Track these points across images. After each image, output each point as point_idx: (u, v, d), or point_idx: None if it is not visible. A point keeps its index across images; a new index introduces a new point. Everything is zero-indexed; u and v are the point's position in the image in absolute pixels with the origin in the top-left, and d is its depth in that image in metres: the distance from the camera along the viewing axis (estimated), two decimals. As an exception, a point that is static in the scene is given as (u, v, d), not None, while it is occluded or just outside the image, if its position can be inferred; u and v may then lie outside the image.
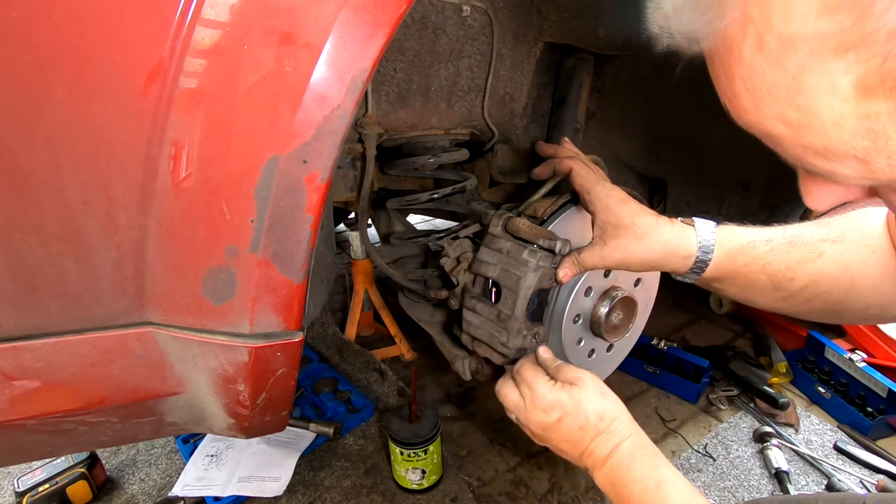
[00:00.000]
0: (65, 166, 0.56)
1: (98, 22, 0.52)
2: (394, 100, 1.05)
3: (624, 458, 0.69)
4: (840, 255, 0.71)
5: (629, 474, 0.67)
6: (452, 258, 1.03)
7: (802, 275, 0.73)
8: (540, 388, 0.76)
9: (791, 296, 0.75)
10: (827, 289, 0.73)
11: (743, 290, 0.79)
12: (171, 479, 1.42)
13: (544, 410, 0.75)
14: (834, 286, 0.72)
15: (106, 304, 0.64)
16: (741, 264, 0.76)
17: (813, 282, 0.73)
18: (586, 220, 1.03)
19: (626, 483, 0.67)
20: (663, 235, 0.78)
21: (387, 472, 1.39)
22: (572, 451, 0.74)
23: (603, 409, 0.73)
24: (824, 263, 0.72)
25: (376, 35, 0.57)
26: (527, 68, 1.18)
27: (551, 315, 0.95)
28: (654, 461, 0.68)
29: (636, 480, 0.66)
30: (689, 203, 1.56)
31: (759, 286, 0.76)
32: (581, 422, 0.72)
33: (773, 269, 0.74)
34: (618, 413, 0.73)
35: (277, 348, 0.69)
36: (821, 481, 1.34)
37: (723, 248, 0.77)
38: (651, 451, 0.70)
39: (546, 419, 0.75)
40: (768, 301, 0.78)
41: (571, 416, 0.73)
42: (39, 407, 0.67)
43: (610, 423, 0.72)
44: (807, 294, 0.74)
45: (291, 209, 0.60)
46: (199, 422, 0.82)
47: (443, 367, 1.82)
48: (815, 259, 0.72)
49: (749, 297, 0.80)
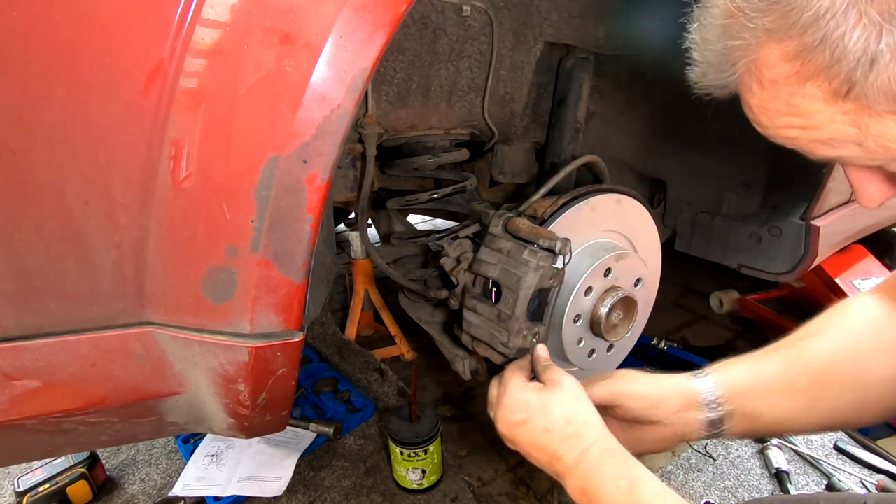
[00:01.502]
0: (65, 166, 0.56)
1: (98, 22, 0.52)
2: (394, 100, 1.05)
3: (593, 462, 0.66)
4: (824, 346, 0.75)
5: (599, 476, 0.64)
6: (452, 258, 1.03)
7: (804, 372, 0.74)
8: (511, 387, 0.75)
9: (813, 399, 0.73)
10: (836, 377, 0.73)
11: (770, 411, 0.76)
12: (172, 479, 1.41)
13: (510, 410, 0.74)
14: (840, 371, 0.73)
15: (106, 304, 0.64)
16: (750, 397, 0.76)
17: (820, 374, 0.73)
18: (586, 220, 1.03)
19: (596, 485, 0.64)
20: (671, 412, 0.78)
21: (387, 472, 1.39)
22: (540, 456, 0.71)
23: (572, 412, 0.70)
24: (814, 353, 0.74)
25: (376, 35, 0.57)
26: (527, 68, 1.18)
27: (551, 315, 0.95)
28: (625, 462, 0.65)
29: (607, 482, 0.64)
30: (689, 203, 1.56)
31: (774, 398, 0.75)
32: (546, 423, 0.70)
33: (774, 371, 0.75)
34: (588, 417, 0.70)
35: (277, 348, 0.69)
36: (821, 481, 1.34)
37: (726, 392, 0.76)
38: (621, 454, 0.67)
39: (511, 418, 0.73)
40: (795, 413, 0.75)
41: (537, 417, 0.71)
42: (39, 407, 0.67)
43: (578, 427, 0.69)
44: (829, 389, 0.73)
45: (291, 209, 0.60)
46: (199, 422, 0.82)
47: (443, 367, 1.82)
48: (804, 353, 0.75)
49: (780, 415, 0.76)
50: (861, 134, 0.43)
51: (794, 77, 0.43)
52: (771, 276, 1.41)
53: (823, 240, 1.31)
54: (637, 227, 1.13)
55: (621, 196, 1.09)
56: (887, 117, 0.41)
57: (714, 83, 0.50)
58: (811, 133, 0.46)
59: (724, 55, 0.47)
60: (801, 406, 0.74)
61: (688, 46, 0.51)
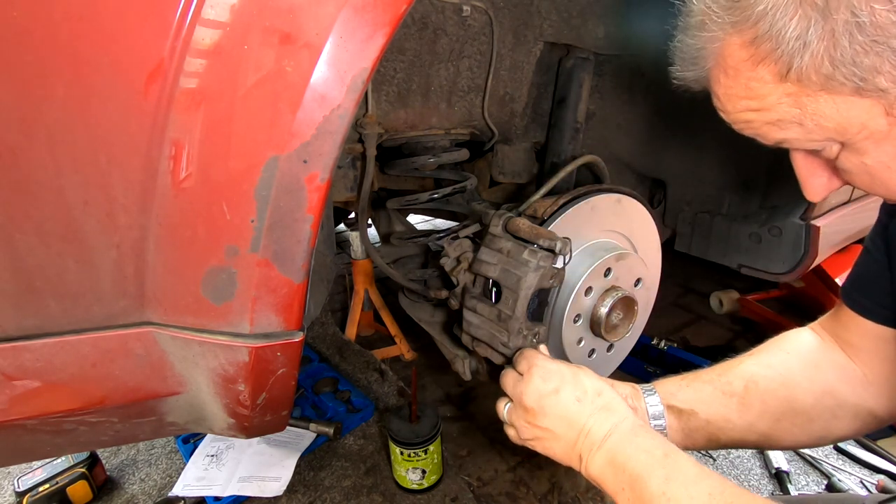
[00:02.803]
0: (65, 166, 0.56)
1: (98, 22, 0.52)
2: (394, 100, 1.05)
3: (625, 434, 0.66)
4: (757, 360, 0.85)
5: (633, 445, 0.64)
6: (452, 258, 1.03)
7: (736, 377, 0.82)
8: (540, 359, 0.77)
9: (743, 400, 0.81)
10: (766, 385, 0.80)
11: (705, 409, 0.82)
12: (172, 479, 1.41)
13: (542, 378, 0.74)
14: (770, 381, 0.81)
15: (106, 304, 0.64)
16: (683, 396, 0.83)
17: (750, 380, 0.81)
18: (586, 220, 1.03)
19: (629, 455, 0.63)
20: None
21: (387, 472, 1.39)
22: (567, 432, 0.70)
23: (602, 387, 0.72)
24: (747, 365, 0.84)
25: (376, 35, 0.57)
26: (527, 68, 1.18)
27: (551, 315, 0.95)
28: (659, 436, 0.66)
29: (641, 450, 0.63)
30: (689, 203, 1.56)
31: (706, 395, 0.82)
32: (579, 393, 0.71)
33: (708, 377, 0.84)
34: (615, 395, 0.72)
35: (277, 348, 0.69)
36: (821, 481, 1.34)
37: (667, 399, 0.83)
38: (653, 430, 0.69)
39: (543, 387, 0.73)
40: (729, 412, 0.81)
41: (570, 386, 0.72)
42: (40, 407, 0.67)
43: (609, 401, 0.71)
44: (757, 395, 0.80)
45: (291, 209, 0.60)
46: (199, 422, 0.82)
47: (443, 367, 1.82)
48: (739, 364, 0.84)
49: (714, 415, 0.82)
50: (801, 113, 0.51)
51: (750, 61, 0.51)
52: (771, 276, 1.41)
53: (823, 240, 1.31)
54: (637, 227, 1.13)
55: (621, 196, 1.09)
56: (820, 95, 0.49)
57: (690, 77, 0.59)
58: (764, 115, 0.53)
59: (699, 50, 0.56)
60: (732, 408, 0.81)
61: (672, 49, 0.61)
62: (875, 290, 0.76)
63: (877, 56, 0.44)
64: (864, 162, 0.53)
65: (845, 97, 0.48)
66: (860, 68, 0.45)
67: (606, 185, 1.12)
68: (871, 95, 0.47)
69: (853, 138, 0.51)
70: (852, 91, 0.47)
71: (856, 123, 0.50)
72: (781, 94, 0.51)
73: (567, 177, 1.14)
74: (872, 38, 0.44)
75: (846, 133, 0.51)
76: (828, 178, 0.60)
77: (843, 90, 0.48)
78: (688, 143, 1.43)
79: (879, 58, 0.44)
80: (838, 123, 0.50)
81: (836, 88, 0.48)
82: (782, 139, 0.55)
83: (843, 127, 0.50)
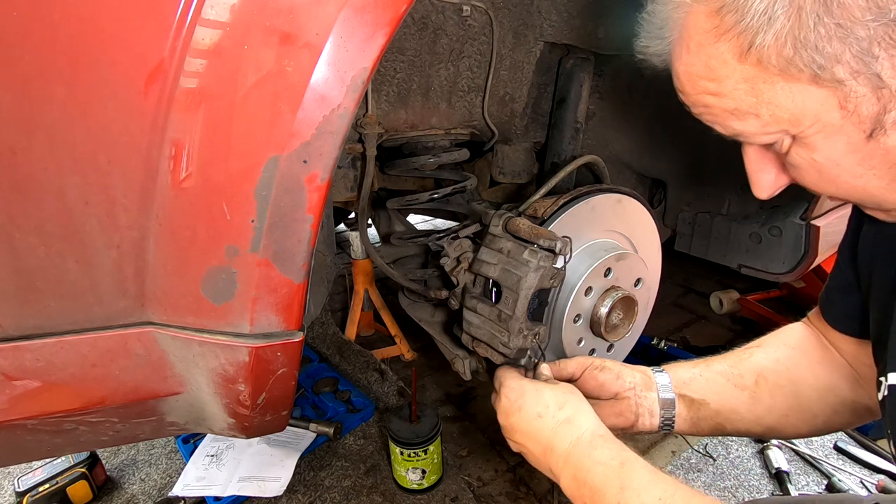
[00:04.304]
0: (65, 166, 0.56)
1: (98, 22, 0.52)
2: (394, 100, 1.05)
3: (584, 447, 0.68)
4: (766, 354, 0.87)
5: (591, 459, 0.66)
6: (452, 258, 1.03)
7: (747, 371, 0.85)
8: (507, 377, 0.81)
9: (754, 394, 0.83)
10: (775, 380, 0.83)
11: (716, 400, 0.84)
12: (172, 479, 1.41)
13: (507, 396, 0.78)
14: (779, 376, 0.83)
15: (106, 303, 0.64)
16: (696, 386, 0.86)
17: (760, 375, 0.84)
18: (586, 220, 1.03)
19: (588, 469, 0.66)
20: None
21: (387, 472, 1.39)
22: (535, 448, 0.73)
23: (565, 400, 0.74)
24: (757, 359, 0.86)
25: (376, 35, 0.57)
26: (527, 68, 1.18)
27: (552, 315, 0.95)
28: (616, 446, 0.67)
29: (598, 463, 0.65)
30: (689, 203, 1.56)
31: (718, 387, 0.84)
32: (539, 408, 0.73)
33: (720, 368, 0.86)
34: (580, 405, 0.73)
35: (278, 348, 0.69)
36: (821, 481, 1.34)
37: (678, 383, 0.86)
38: (612, 438, 0.69)
39: (509, 405, 0.77)
40: (739, 405, 0.83)
41: (531, 403, 0.74)
42: (40, 407, 0.67)
43: (571, 414, 0.72)
44: (767, 390, 0.83)
45: (292, 209, 0.60)
46: (199, 422, 0.82)
47: (443, 367, 1.82)
48: (749, 357, 0.87)
49: (725, 407, 0.84)
50: (757, 102, 0.50)
51: (713, 33, 0.49)
52: (771, 276, 1.41)
53: (824, 239, 1.31)
54: (637, 227, 1.13)
55: (621, 196, 1.09)
56: (777, 81, 0.48)
57: (654, 51, 0.59)
58: (722, 101, 0.53)
59: (664, 20, 0.55)
60: (743, 401, 0.83)
61: (639, 20, 0.60)
62: (844, 301, 0.79)
63: (840, 42, 0.44)
64: (813, 158, 0.53)
65: (802, 85, 0.48)
66: (821, 55, 0.45)
67: (606, 185, 1.13)
68: (828, 85, 0.47)
69: (805, 131, 0.50)
70: (809, 79, 0.47)
71: (809, 115, 0.49)
72: (739, 77, 0.50)
73: (567, 177, 1.14)
74: (837, 22, 0.43)
75: (799, 124, 0.50)
76: (776, 174, 0.61)
77: (800, 77, 0.47)
78: (688, 143, 1.43)
79: (842, 45, 0.44)
80: (792, 114, 0.50)
81: (794, 75, 0.47)
82: (740, 131, 0.55)
83: (796, 118, 0.50)
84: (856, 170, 0.52)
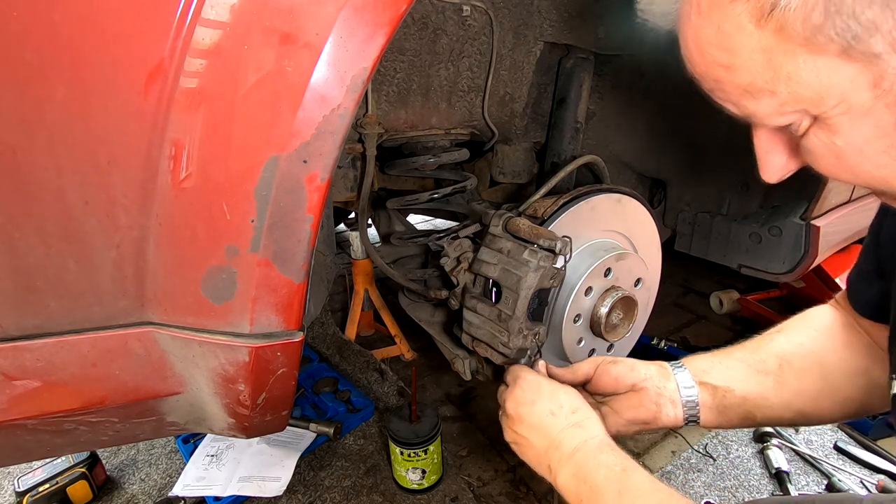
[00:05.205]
0: (65, 166, 0.56)
1: (98, 22, 0.52)
2: (394, 100, 1.05)
3: (591, 450, 0.69)
4: (788, 338, 0.84)
5: (595, 462, 0.68)
6: (452, 258, 1.03)
7: (769, 355, 0.82)
8: (527, 374, 0.81)
9: (779, 378, 0.80)
10: (800, 364, 0.80)
11: (741, 387, 0.82)
12: (172, 479, 1.41)
13: (522, 389, 0.78)
14: (804, 360, 0.80)
15: (106, 303, 0.64)
16: (717, 372, 0.84)
17: (783, 359, 0.81)
18: (586, 220, 1.03)
19: (590, 469, 0.67)
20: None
21: (387, 472, 1.39)
22: (539, 442, 0.74)
23: (578, 405, 0.75)
24: (779, 343, 0.84)
25: (376, 35, 0.57)
26: (527, 68, 1.18)
27: (551, 315, 0.95)
28: (621, 455, 0.69)
29: (602, 465, 0.67)
30: (689, 203, 1.56)
31: (740, 374, 0.82)
32: (553, 407, 0.74)
33: (740, 355, 0.84)
34: (591, 414, 0.75)
35: (278, 348, 0.69)
36: (821, 481, 1.34)
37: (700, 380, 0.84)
38: (618, 448, 0.71)
39: (522, 397, 0.77)
40: (765, 390, 0.81)
41: (546, 400, 0.75)
42: (40, 407, 0.67)
43: (582, 419, 0.73)
44: (792, 373, 0.80)
45: (292, 209, 0.60)
46: (199, 422, 0.82)
47: (443, 367, 1.82)
48: (770, 342, 0.84)
49: (751, 392, 0.81)
50: (775, 77, 0.44)
51: None
52: (771, 276, 1.41)
53: (824, 240, 1.31)
54: (637, 227, 1.14)
55: (621, 196, 1.09)
56: (799, 53, 0.41)
57: (659, 10, 0.56)
58: (734, 75, 0.46)
59: None
60: (769, 386, 0.80)
61: None
62: (869, 288, 0.76)
63: (881, 8, 0.37)
64: (833, 142, 0.46)
65: (829, 58, 0.41)
66: (858, 21, 0.38)
67: (606, 185, 1.13)
68: (860, 59, 0.40)
69: (828, 112, 0.44)
70: (839, 51, 0.40)
71: (835, 94, 0.42)
72: (755, 47, 0.43)
73: (567, 177, 1.14)
74: None
75: (822, 104, 0.44)
76: (787, 157, 0.54)
77: (828, 48, 0.40)
78: (688, 143, 1.43)
79: (884, 11, 0.37)
80: (816, 92, 0.43)
81: (821, 46, 0.40)
82: (753, 112, 0.48)
83: (819, 97, 0.43)
84: (880, 158, 0.45)
